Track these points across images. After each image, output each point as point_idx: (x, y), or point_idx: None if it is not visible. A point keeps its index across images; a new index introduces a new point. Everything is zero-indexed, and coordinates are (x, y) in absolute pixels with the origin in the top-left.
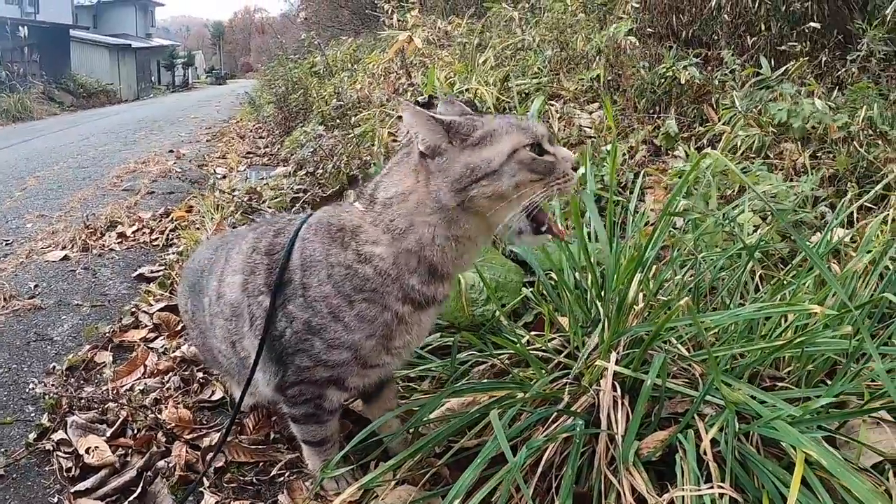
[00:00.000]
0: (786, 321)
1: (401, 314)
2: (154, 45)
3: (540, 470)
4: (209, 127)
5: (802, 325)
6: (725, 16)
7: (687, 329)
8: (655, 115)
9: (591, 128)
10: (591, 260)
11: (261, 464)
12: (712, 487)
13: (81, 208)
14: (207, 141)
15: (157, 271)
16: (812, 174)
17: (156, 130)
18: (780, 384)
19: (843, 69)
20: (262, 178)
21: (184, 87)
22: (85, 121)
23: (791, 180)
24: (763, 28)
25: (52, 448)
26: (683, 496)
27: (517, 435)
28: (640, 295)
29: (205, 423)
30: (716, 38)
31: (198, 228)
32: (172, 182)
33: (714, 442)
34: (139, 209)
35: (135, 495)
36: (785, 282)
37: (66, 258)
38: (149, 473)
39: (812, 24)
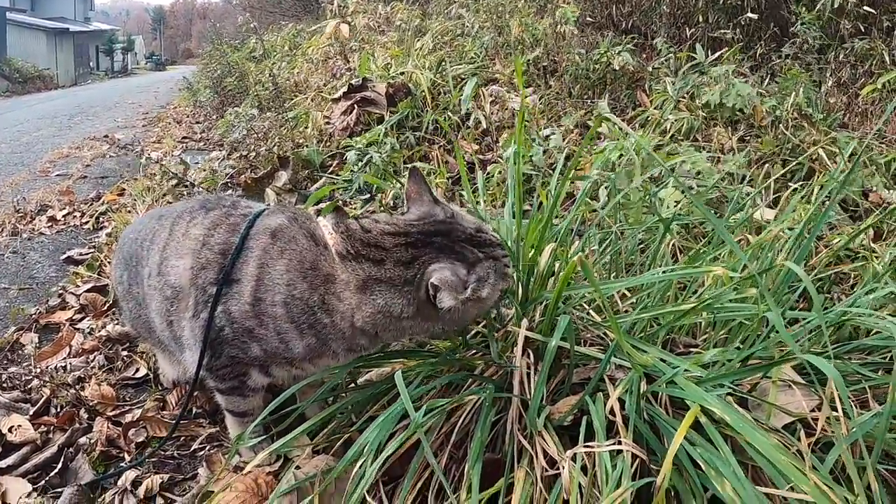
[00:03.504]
0: (701, 288)
1: (340, 353)
2: (93, 30)
3: (454, 438)
4: (146, 112)
5: (717, 294)
6: (665, 7)
7: (597, 295)
8: (590, 100)
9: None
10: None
11: (182, 438)
12: (615, 444)
13: (12, 193)
14: (144, 126)
15: (87, 254)
16: (738, 156)
17: (92, 116)
18: (693, 350)
19: (779, 59)
20: (197, 162)
21: (123, 73)
22: (20, 106)
23: (718, 161)
24: (701, 19)
25: None
26: (591, 452)
27: (427, 398)
28: (556, 266)
29: (128, 399)
30: (655, 28)
31: (129, 211)
32: (106, 166)
33: (624, 406)
34: (71, 193)
35: (56, 471)
36: (702, 252)
37: None
38: (70, 450)
39: (749, 14)
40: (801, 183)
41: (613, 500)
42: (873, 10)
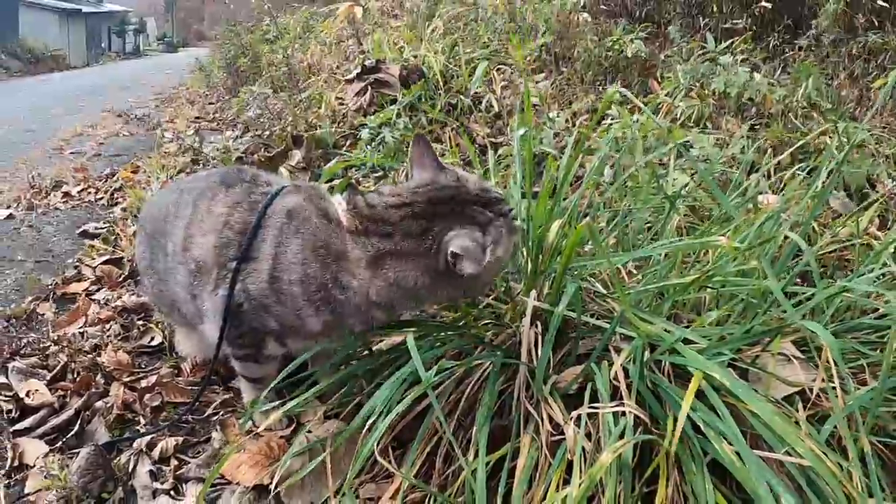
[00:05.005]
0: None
1: (357, 327)
2: (105, 11)
3: (462, 405)
4: (159, 93)
5: (718, 265)
6: None
7: (604, 266)
8: (601, 87)
9: (535, 96)
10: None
11: (196, 403)
12: (618, 406)
13: (27, 169)
14: (156, 106)
15: (102, 228)
16: (748, 143)
17: (104, 96)
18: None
19: (791, 52)
20: (212, 141)
21: (134, 55)
22: (33, 86)
23: (726, 146)
24: (715, 9)
25: None
26: (595, 420)
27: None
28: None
29: (143, 366)
30: (669, 17)
31: (143, 188)
32: (119, 144)
33: (629, 374)
34: (85, 170)
35: (72, 433)
36: (707, 229)
37: (10, 217)
38: (87, 413)
39: (763, 3)
40: (807, 170)
41: (616, 449)
42: (887, 5)
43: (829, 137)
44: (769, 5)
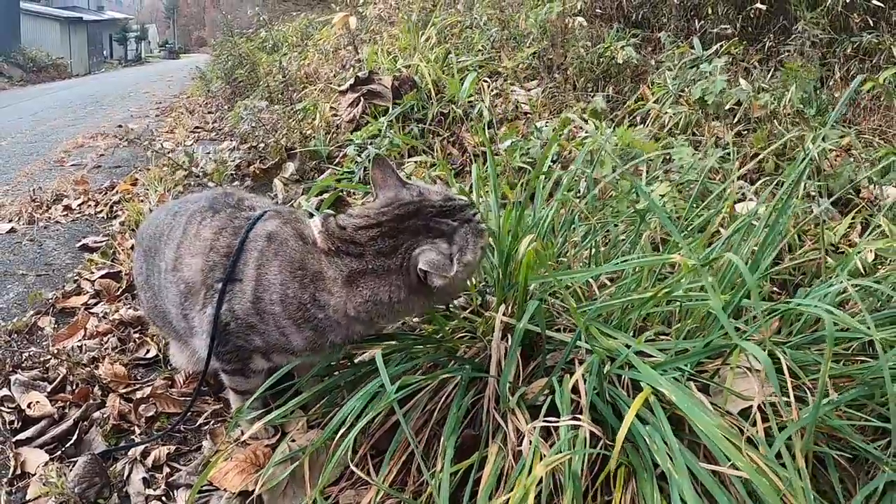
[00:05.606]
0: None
1: (338, 342)
2: (106, 18)
3: (437, 416)
4: (159, 102)
5: (675, 283)
6: None
7: (576, 280)
8: (593, 93)
9: (527, 104)
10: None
11: (188, 414)
12: (572, 420)
13: (28, 182)
14: (157, 116)
15: (101, 241)
16: (733, 150)
17: (106, 105)
18: (664, 338)
19: (786, 54)
20: (209, 153)
21: (136, 62)
22: (35, 95)
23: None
24: (710, 11)
25: None
26: (548, 427)
27: (413, 374)
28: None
29: (139, 378)
30: (664, 20)
31: (141, 201)
32: (119, 156)
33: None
34: (85, 183)
35: (71, 442)
36: (675, 248)
37: (12, 230)
38: (85, 423)
39: (758, 5)
40: (791, 177)
41: (548, 464)
42: (882, 4)
43: (811, 144)
44: (764, 7)
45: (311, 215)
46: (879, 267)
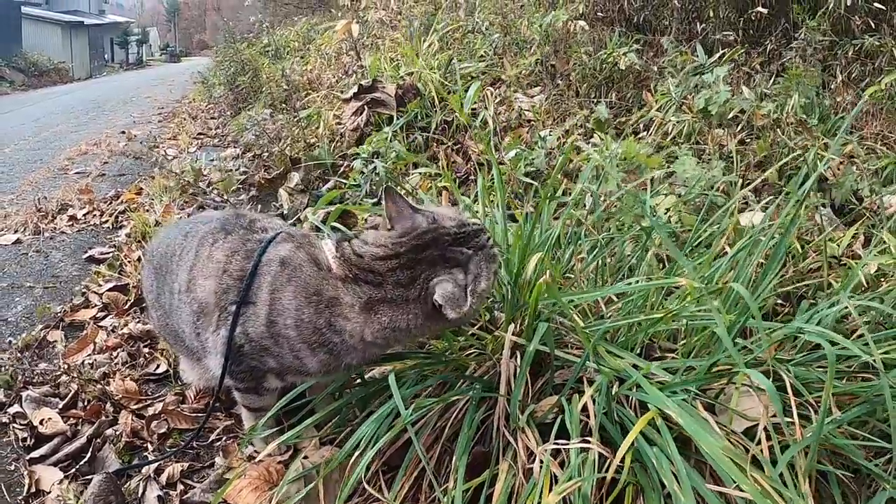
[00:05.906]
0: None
1: (354, 365)
2: (107, 22)
3: (448, 433)
4: (161, 107)
5: (682, 304)
6: (676, 1)
7: (584, 300)
8: (596, 100)
9: (530, 111)
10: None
11: (201, 430)
12: (582, 442)
13: (33, 191)
14: (159, 121)
15: (107, 253)
16: (720, 163)
17: (108, 110)
18: (670, 356)
19: (788, 58)
20: (212, 160)
21: (138, 65)
22: (37, 100)
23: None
24: (712, 14)
25: (8, 421)
26: (558, 449)
27: (423, 395)
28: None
29: (150, 394)
30: (666, 23)
31: (147, 211)
32: (123, 164)
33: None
34: (90, 192)
35: (85, 460)
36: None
37: (18, 241)
38: (98, 440)
39: (759, 8)
40: (795, 188)
41: (563, 490)
42: (883, 7)
43: (817, 153)
44: (765, 10)
45: (319, 229)
46: (882, 280)
